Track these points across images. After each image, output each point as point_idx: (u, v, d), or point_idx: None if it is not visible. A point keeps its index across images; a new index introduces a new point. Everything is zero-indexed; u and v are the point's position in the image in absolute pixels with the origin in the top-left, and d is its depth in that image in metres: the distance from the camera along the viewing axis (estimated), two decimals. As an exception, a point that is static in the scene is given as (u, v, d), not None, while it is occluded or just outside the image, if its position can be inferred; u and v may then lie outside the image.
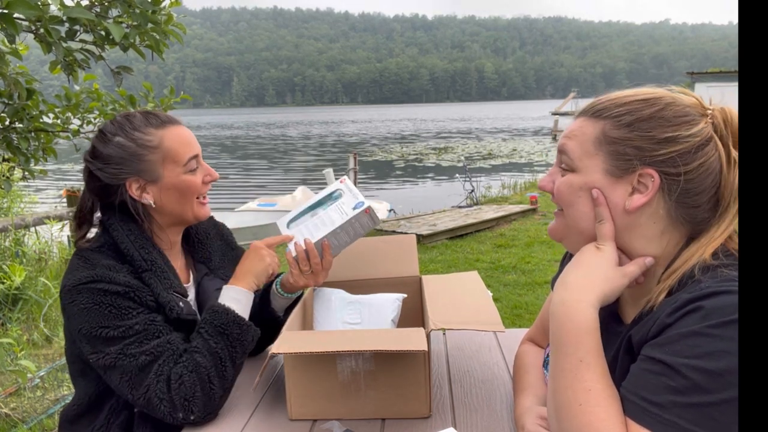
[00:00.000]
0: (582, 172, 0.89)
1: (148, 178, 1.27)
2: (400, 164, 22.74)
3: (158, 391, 1.13)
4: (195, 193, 1.30)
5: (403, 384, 1.18)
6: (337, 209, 1.38)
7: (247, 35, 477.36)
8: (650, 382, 0.73)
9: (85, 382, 1.29)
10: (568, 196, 0.90)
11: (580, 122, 0.92)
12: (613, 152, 0.86)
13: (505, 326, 1.16)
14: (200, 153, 1.33)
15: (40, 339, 3.86)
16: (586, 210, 0.89)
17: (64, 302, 1.19)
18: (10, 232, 4.73)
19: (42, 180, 12.67)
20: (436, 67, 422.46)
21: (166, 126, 1.29)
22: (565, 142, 0.92)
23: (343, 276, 1.60)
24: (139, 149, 1.26)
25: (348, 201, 1.38)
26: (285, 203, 10.76)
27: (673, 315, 0.75)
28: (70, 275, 1.20)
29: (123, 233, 1.26)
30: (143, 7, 2.23)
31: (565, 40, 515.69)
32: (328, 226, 1.37)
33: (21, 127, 2.49)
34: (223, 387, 1.19)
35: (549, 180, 0.95)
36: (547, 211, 9.59)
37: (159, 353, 1.16)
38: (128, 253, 1.25)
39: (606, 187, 0.86)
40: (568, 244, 0.96)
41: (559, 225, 0.96)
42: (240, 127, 65.27)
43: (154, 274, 1.26)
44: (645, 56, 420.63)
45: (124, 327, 1.16)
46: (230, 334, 1.22)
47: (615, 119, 0.87)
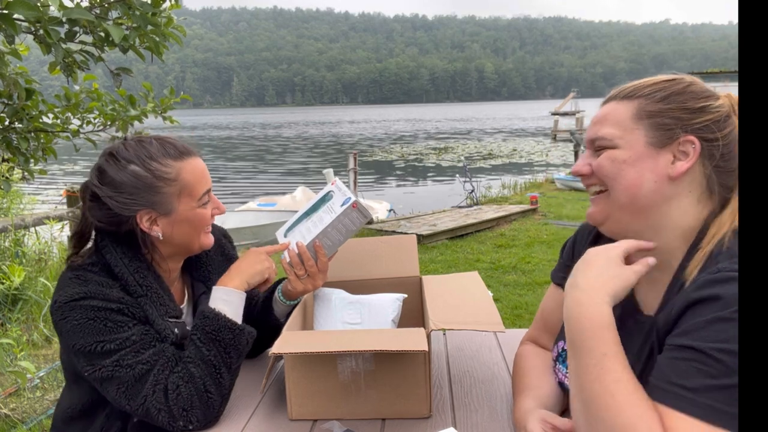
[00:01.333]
0: (623, 146, 0.91)
1: (161, 211, 1.21)
2: (400, 164, 22.75)
3: (156, 402, 1.11)
4: (204, 226, 1.28)
5: (403, 384, 1.17)
6: (327, 209, 1.38)
7: (247, 35, 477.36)
8: (681, 369, 0.74)
9: (79, 390, 1.26)
10: (611, 169, 0.92)
11: (610, 107, 0.96)
12: (653, 124, 0.90)
13: (505, 326, 1.16)
14: (210, 186, 1.30)
15: (40, 339, 3.86)
16: (631, 182, 0.90)
17: (56, 318, 1.16)
18: (10, 232, 4.73)
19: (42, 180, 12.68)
20: (436, 67, 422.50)
21: (184, 158, 1.24)
22: (598, 128, 0.95)
23: (344, 276, 1.59)
24: (156, 181, 1.20)
25: (337, 200, 1.38)
26: (284, 203, 10.77)
27: (696, 292, 0.77)
28: (61, 291, 1.17)
29: (117, 256, 1.22)
30: (143, 9, 2.23)
31: (565, 40, 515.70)
32: (318, 227, 1.37)
33: (21, 127, 2.48)
34: (221, 394, 1.17)
35: (584, 163, 0.97)
36: (547, 211, 9.59)
37: (155, 362, 1.14)
38: (122, 277, 1.21)
39: (648, 158, 0.90)
40: (611, 225, 0.96)
41: (600, 206, 0.96)
42: (237, 127, 65.23)
43: (149, 299, 1.22)
44: (645, 56, 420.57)
45: (120, 339, 1.13)
46: (222, 340, 1.18)
47: (648, 96, 0.92)
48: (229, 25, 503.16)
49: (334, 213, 1.35)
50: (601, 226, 0.98)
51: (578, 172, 0.98)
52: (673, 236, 0.91)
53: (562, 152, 24.22)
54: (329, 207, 1.39)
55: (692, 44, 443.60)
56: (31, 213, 5.93)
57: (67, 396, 1.31)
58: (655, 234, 0.92)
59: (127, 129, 2.87)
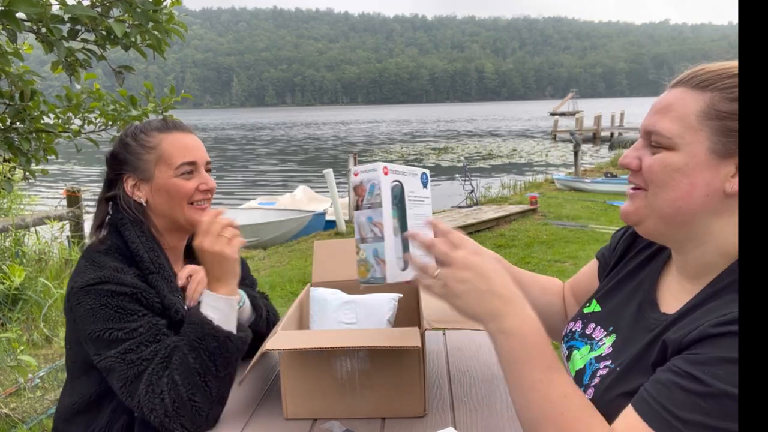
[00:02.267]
0: (682, 149, 0.79)
1: (141, 176, 1.32)
2: (400, 164, 22.72)
3: (148, 402, 1.12)
4: (184, 197, 1.31)
5: (398, 383, 1.18)
6: (415, 201, 1.04)
7: (247, 35, 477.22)
8: (679, 398, 0.69)
9: (88, 381, 1.28)
10: (662, 175, 0.81)
11: (677, 94, 0.82)
12: (721, 128, 0.77)
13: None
14: (201, 162, 1.34)
15: (40, 339, 3.86)
16: (680, 195, 0.80)
17: (72, 303, 1.19)
18: (10, 232, 4.73)
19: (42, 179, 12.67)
20: (436, 67, 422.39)
21: (171, 131, 1.34)
22: (658, 120, 0.83)
23: (340, 276, 1.60)
24: (138, 148, 1.32)
25: (411, 184, 1.04)
26: (284, 202, 10.80)
27: (717, 327, 0.71)
28: (77, 277, 1.21)
29: (134, 233, 1.28)
30: (144, 7, 2.23)
31: (565, 40, 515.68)
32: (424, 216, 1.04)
33: (22, 127, 2.49)
34: (209, 402, 1.15)
35: (634, 156, 0.86)
36: (547, 211, 9.59)
37: (151, 360, 1.15)
38: (137, 254, 1.26)
39: (707, 169, 0.78)
40: (645, 228, 0.87)
41: (638, 206, 0.86)
42: (241, 128, 65.21)
43: (161, 276, 1.26)
44: (645, 56, 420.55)
45: (128, 329, 1.16)
46: (207, 348, 1.15)
47: (724, 92, 0.78)
48: (229, 25, 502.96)
49: (426, 197, 1.07)
50: (636, 226, 0.89)
51: (627, 165, 0.87)
52: (713, 252, 0.82)
53: (561, 152, 24.21)
54: (413, 197, 1.04)
55: (692, 44, 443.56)
56: (31, 213, 5.94)
57: (70, 391, 1.32)
58: (693, 246, 0.84)
59: (127, 129, 2.87)
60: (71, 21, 2.13)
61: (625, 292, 1.00)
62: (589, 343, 0.98)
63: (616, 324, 0.95)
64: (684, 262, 0.88)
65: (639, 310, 0.92)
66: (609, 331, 0.96)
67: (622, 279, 1.03)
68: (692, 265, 0.86)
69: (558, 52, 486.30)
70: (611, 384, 0.84)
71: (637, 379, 0.80)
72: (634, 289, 0.98)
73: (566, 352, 1.04)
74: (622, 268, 1.05)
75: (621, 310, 0.97)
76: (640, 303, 0.93)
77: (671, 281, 0.92)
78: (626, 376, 0.83)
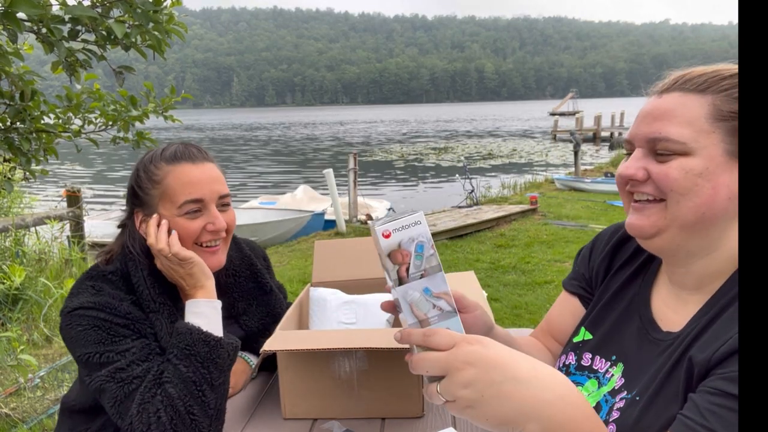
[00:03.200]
0: (699, 153, 0.76)
1: (146, 212, 1.21)
2: (400, 164, 22.74)
3: (140, 424, 1.04)
4: (189, 239, 1.19)
5: (396, 384, 1.18)
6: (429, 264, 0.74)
7: (247, 35, 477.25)
8: (730, 419, 0.65)
9: (84, 391, 1.25)
10: (684, 182, 0.76)
11: (674, 100, 0.79)
12: (732, 128, 0.75)
13: (505, 326, 1.17)
14: (210, 199, 1.20)
15: (40, 339, 3.86)
16: (703, 201, 0.76)
17: (63, 324, 1.14)
18: (11, 232, 4.73)
19: (42, 179, 12.67)
20: (436, 67, 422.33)
21: (178, 163, 1.20)
22: (662, 126, 0.78)
23: (340, 276, 1.60)
24: (146, 182, 1.21)
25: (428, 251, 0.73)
26: (285, 201, 10.81)
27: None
28: (74, 298, 1.15)
29: (138, 267, 1.19)
30: (145, 8, 2.23)
31: (565, 40, 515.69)
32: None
33: (23, 127, 2.49)
34: (207, 414, 1.08)
35: (639, 167, 0.80)
36: (547, 211, 9.60)
37: (142, 378, 1.08)
38: (138, 289, 1.18)
39: (726, 172, 0.75)
40: (661, 241, 0.81)
41: (653, 219, 0.80)
42: (239, 128, 65.21)
43: (161, 315, 1.17)
44: (645, 56, 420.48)
45: (119, 351, 1.10)
46: (198, 354, 1.09)
47: (725, 93, 0.77)
48: (229, 25, 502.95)
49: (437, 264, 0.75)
50: (649, 240, 0.82)
51: (631, 177, 0.81)
52: (723, 258, 0.80)
53: (561, 152, 24.22)
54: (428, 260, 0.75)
55: (692, 44, 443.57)
56: (31, 213, 5.94)
57: (76, 388, 1.30)
58: (704, 255, 0.81)
59: (128, 129, 2.88)
60: (72, 21, 2.14)
61: (616, 314, 0.95)
62: (595, 378, 0.92)
63: (619, 351, 0.91)
64: (685, 273, 0.84)
65: (640, 333, 0.88)
66: (613, 360, 0.91)
67: (608, 301, 0.98)
68: (695, 275, 0.83)
69: (558, 52, 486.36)
70: (639, 417, 0.78)
71: (668, 407, 0.75)
72: (625, 310, 0.94)
73: None
74: (605, 290, 1.00)
75: (618, 335, 0.92)
76: (638, 325, 0.90)
77: (666, 295, 0.89)
78: (653, 407, 0.78)
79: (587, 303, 1.06)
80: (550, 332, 1.14)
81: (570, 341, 1.02)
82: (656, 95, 0.82)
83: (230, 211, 1.27)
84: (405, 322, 0.72)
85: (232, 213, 1.27)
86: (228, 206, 1.26)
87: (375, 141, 37.05)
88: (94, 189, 16.44)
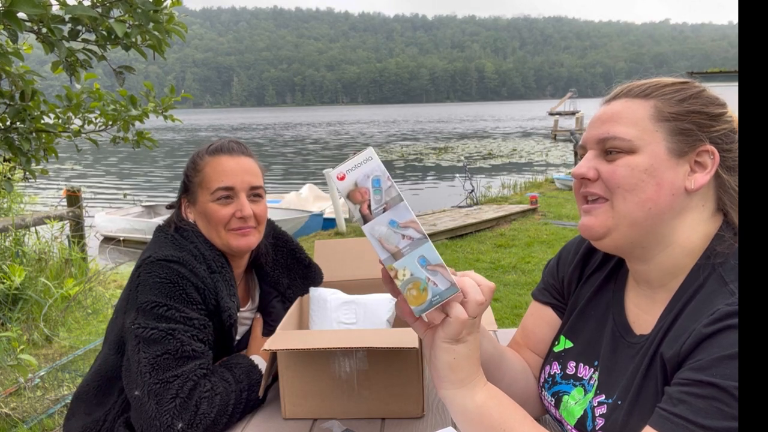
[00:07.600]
0: (644, 151, 0.81)
1: (190, 199, 1.36)
2: (400, 164, 22.74)
3: (178, 389, 1.11)
4: (219, 223, 1.30)
5: (396, 384, 1.18)
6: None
7: (247, 35, 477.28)
8: (699, 407, 0.68)
9: (116, 359, 1.28)
10: (630, 178, 0.81)
11: (621, 104, 0.85)
12: (673, 129, 0.82)
13: (505, 326, 1.17)
14: (241, 188, 1.31)
15: (40, 339, 3.86)
16: (648, 197, 0.81)
17: (141, 272, 1.20)
18: (11, 232, 4.73)
19: (42, 179, 12.67)
20: (436, 67, 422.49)
21: (217, 155, 1.33)
22: (610, 127, 0.84)
23: (340, 276, 1.60)
24: (192, 170, 1.35)
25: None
26: (290, 200, 10.76)
27: (711, 326, 0.71)
28: (157, 248, 1.24)
29: (195, 237, 1.30)
30: (145, 8, 2.23)
31: (565, 40, 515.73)
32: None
33: (23, 127, 2.49)
34: (216, 420, 1.14)
35: (590, 166, 0.85)
36: (547, 211, 9.60)
37: (199, 356, 1.16)
38: (201, 252, 1.27)
39: (669, 169, 0.81)
40: (612, 240, 0.85)
41: (601, 218, 0.85)
42: (240, 128, 65.22)
43: (221, 277, 1.28)
44: (645, 56, 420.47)
45: (185, 314, 1.17)
46: (251, 393, 1.22)
47: (666, 97, 0.83)
48: (229, 25, 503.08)
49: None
50: (600, 240, 0.86)
51: (583, 176, 0.85)
52: (678, 253, 0.84)
53: (561, 152, 24.22)
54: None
55: (692, 44, 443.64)
56: (31, 213, 5.94)
57: (103, 358, 1.33)
58: (660, 251, 0.84)
59: (128, 129, 2.88)
60: (72, 21, 2.14)
61: (593, 320, 0.97)
62: (580, 385, 0.94)
63: (599, 356, 0.93)
64: (647, 271, 0.87)
65: (614, 337, 0.91)
66: (595, 366, 0.93)
67: (584, 308, 1.00)
68: (657, 271, 0.86)
69: (558, 52, 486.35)
70: (625, 420, 0.81)
71: (652, 407, 0.77)
72: (602, 316, 0.96)
73: (552, 400, 0.99)
74: (578, 297, 1.02)
75: (597, 340, 0.95)
76: (613, 329, 0.92)
77: (638, 298, 0.90)
78: (637, 408, 0.80)
79: (561, 312, 1.07)
80: (527, 344, 1.12)
81: (551, 351, 1.04)
82: (605, 103, 0.89)
83: (262, 202, 1.36)
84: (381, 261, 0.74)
85: (263, 204, 1.36)
86: (260, 198, 1.35)
87: (374, 141, 37.05)
88: (94, 187, 16.42)
